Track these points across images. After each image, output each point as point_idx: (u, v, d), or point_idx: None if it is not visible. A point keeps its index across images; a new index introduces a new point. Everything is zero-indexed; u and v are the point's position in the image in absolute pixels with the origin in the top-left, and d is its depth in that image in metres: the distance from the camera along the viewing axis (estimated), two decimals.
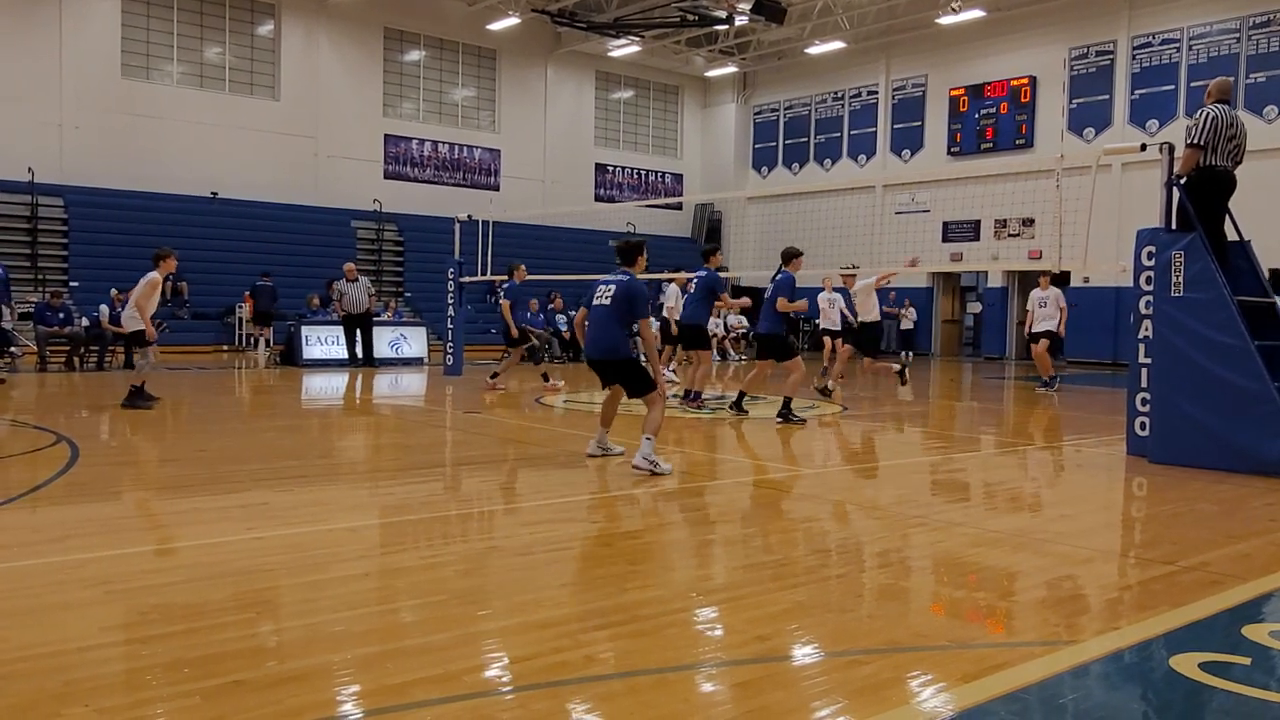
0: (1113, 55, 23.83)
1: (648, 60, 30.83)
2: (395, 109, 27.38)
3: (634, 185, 31.99)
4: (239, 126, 24.40)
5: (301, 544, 5.04)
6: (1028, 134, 25.11)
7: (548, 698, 3.06)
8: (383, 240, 26.30)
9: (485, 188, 28.18)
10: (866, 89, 28.99)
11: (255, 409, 12.50)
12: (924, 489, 7.44)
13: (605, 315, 7.43)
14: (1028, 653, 3.59)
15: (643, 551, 5.14)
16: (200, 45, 24.32)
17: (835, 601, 4.24)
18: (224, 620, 3.78)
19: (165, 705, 2.94)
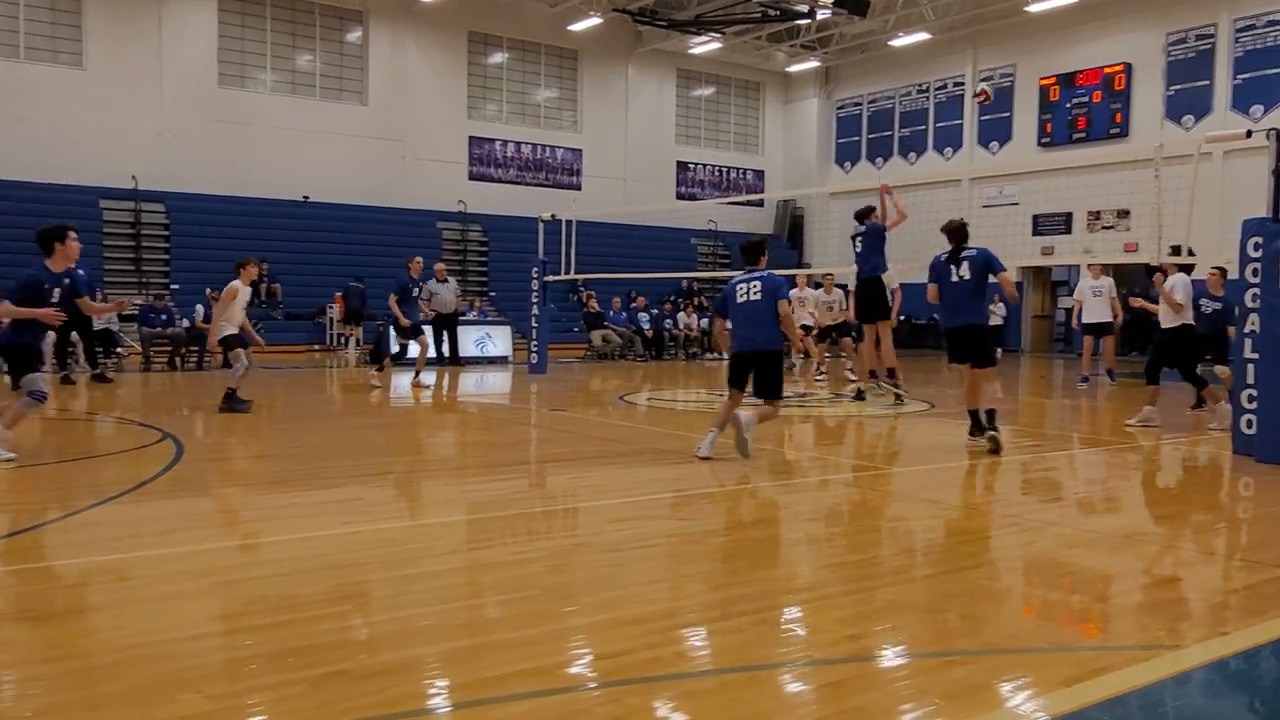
0: (1213, 39, 22.97)
1: (728, 57, 30.71)
2: (479, 111, 27.76)
3: (715, 182, 31.90)
4: (329, 131, 25.01)
5: (395, 539, 5.16)
6: (1122, 123, 24.35)
7: (640, 694, 3.09)
8: (467, 240, 26.69)
9: (567, 187, 28.40)
10: (952, 80, 28.44)
11: (347, 407, 12.80)
12: (1016, 488, 7.29)
13: (760, 311, 7.77)
14: (1130, 657, 3.49)
15: (732, 549, 5.14)
16: (292, 53, 24.98)
17: (927, 601, 4.19)
18: (323, 612, 3.90)
19: (271, 693, 3.04)
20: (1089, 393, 14.52)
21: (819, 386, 15.49)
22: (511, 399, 14.00)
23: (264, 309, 21.94)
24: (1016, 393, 15.28)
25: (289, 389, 14.18)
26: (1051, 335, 28.56)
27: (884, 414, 11.51)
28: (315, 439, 9.11)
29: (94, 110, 21.97)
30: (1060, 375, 19.42)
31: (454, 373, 17.69)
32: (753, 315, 7.78)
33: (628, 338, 22.83)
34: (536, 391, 14.44)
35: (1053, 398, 15.02)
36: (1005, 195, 26.03)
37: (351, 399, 13.72)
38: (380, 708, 2.93)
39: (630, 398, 13.40)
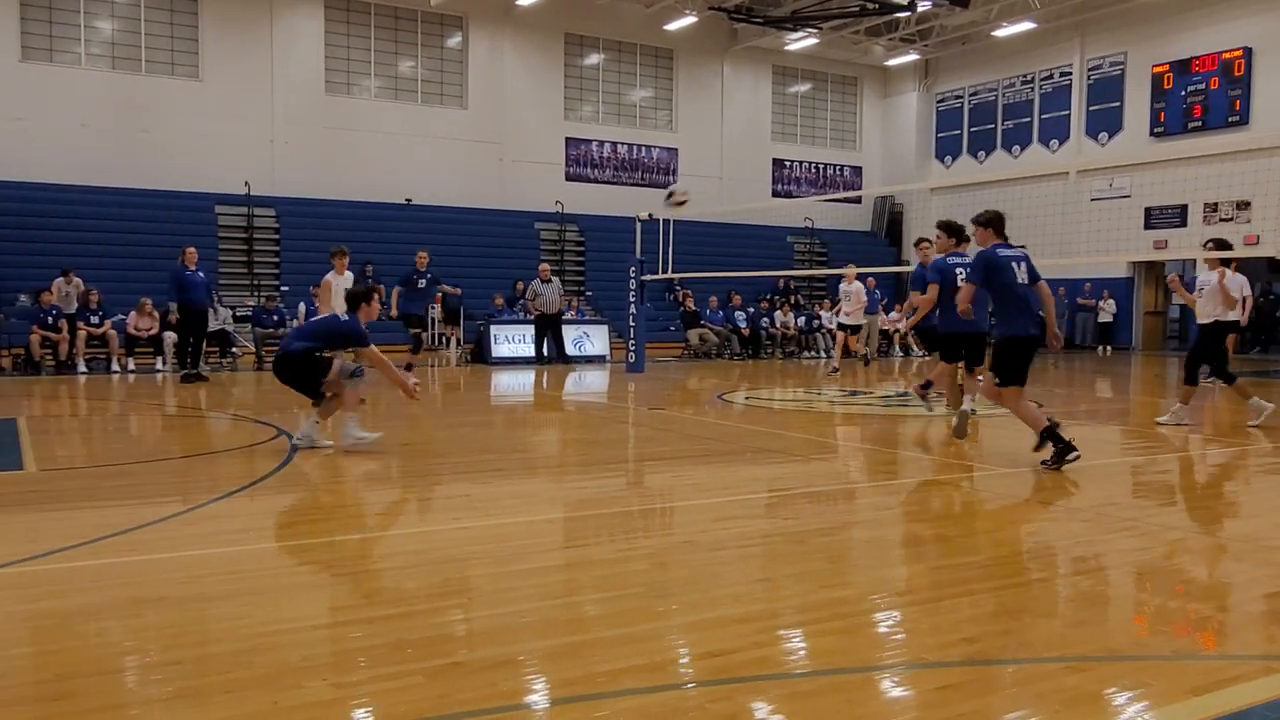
0: None
1: (825, 52, 30.38)
2: (575, 112, 28.02)
3: (812, 180, 31.60)
4: (430, 135, 25.55)
5: (503, 534, 5.26)
6: (1242, 110, 23.31)
7: (750, 692, 3.10)
8: (565, 241, 26.98)
9: (664, 186, 28.39)
10: (1059, 70, 27.63)
11: (450, 405, 13.07)
12: (1130, 490, 7.06)
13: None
14: (1264, 668, 3.37)
15: (837, 549, 5.11)
16: (395, 60, 25.60)
17: (1040, 606, 4.10)
18: (438, 605, 4.01)
19: (392, 682, 3.14)
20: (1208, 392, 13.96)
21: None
22: (610, 398, 14.11)
23: None
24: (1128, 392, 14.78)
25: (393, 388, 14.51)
26: (1165, 332, 27.54)
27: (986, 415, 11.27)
28: (421, 437, 9.33)
29: (209, 120, 22.87)
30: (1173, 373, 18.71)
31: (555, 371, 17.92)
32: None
33: (724, 336, 22.79)
34: (635, 390, 14.53)
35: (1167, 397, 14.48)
36: (1115, 188, 25.20)
37: (453, 397, 14.01)
38: (495, 700, 3.01)
39: (728, 397, 13.38)
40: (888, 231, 31.97)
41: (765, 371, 18.47)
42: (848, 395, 13.58)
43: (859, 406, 12.44)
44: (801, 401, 12.91)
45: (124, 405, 12.37)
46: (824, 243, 29.88)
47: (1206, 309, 10.11)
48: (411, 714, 2.91)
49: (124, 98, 22.21)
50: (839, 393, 13.78)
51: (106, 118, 21.97)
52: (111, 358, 16.92)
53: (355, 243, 23.20)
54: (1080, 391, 14.61)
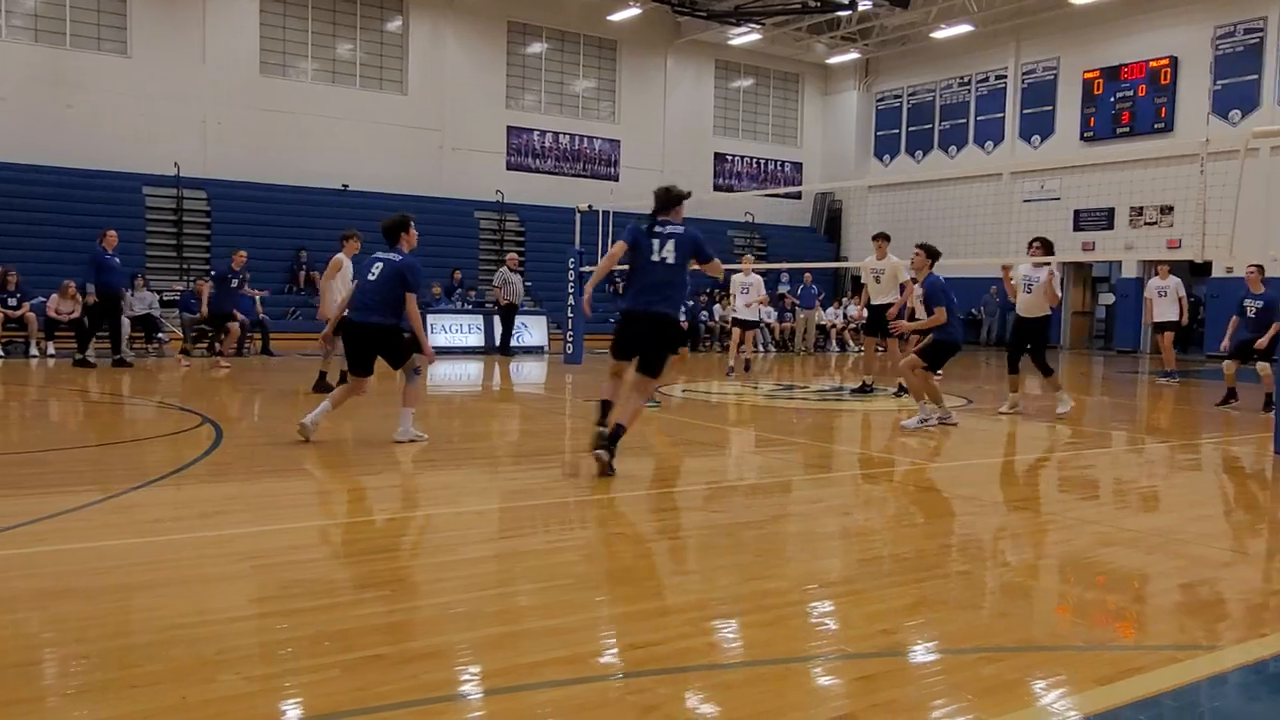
0: (1262, 33, 22.53)
1: (768, 48, 30.55)
2: (518, 101, 27.84)
3: (753, 174, 31.79)
4: (368, 121, 25.19)
5: (432, 525, 5.21)
6: (1167, 117, 23.97)
7: (672, 683, 3.10)
8: (505, 230, 26.80)
9: (605, 178, 28.43)
10: (994, 73, 28.13)
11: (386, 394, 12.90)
12: (1053, 485, 7.22)
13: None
14: (1168, 657, 3.46)
15: (764, 542, 5.14)
16: (333, 42, 25.18)
17: (961, 598, 4.17)
18: (360, 597, 3.95)
19: (309, 676, 3.08)
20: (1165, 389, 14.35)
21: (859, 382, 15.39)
22: (546, 389, 14.06)
23: (303, 296, 22.15)
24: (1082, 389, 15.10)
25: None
26: (1092, 331, 28.23)
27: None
28: (354, 425, 9.20)
29: (138, 98, 22.27)
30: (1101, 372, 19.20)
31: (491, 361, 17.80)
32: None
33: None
34: (572, 382, 14.49)
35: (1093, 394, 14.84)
36: (1047, 190, 25.74)
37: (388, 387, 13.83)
38: (415, 692, 2.97)
39: (664, 389, 13.40)
40: (827, 228, 32.30)
41: (703, 364, 18.54)
42: (784, 389, 13.69)
43: (796, 401, 12.55)
44: (738, 394, 12.98)
45: (42, 391, 12.02)
46: (764, 237, 30.09)
47: (1033, 304, 10.69)
48: (326, 708, 2.86)
49: (48, 72, 21.54)
50: (776, 386, 13.89)
51: (29, 92, 21.29)
52: (30, 341, 16.41)
53: (289, 228, 22.93)
54: None
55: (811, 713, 2.88)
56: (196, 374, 14.08)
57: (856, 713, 2.91)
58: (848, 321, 25.18)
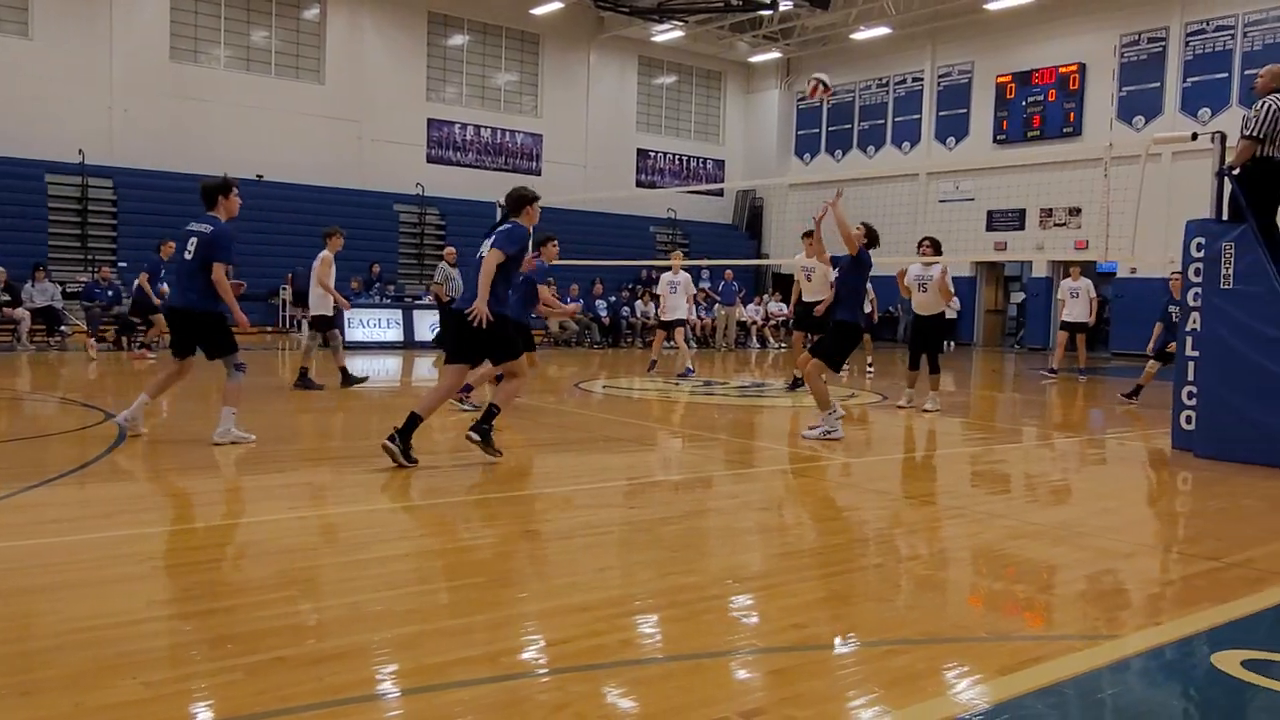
0: (1165, 42, 23.35)
1: (691, 46, 30.68)
2: (438, 93, 27.50)
3: (675, 171, 31.90)
4: (284, 110, 24.64)
5: (344, 524, 5.11)
6: (1076, 122, 24.70)
7: (584, 681, 3.09)
8: (425, 224, 26.46)
9: (527, 172, 28.26)
10: (912, 75, 28.67)
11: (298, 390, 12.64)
12: (964, 480, 7.38)
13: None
14: (1067, 646, 3.56)
15: (681, 537, 5.16)
16: (247, 29, 24.56)
17: (872, 591, 4.23)
18: (267, 597, 3.86)
19: (209, 680, 3.00)
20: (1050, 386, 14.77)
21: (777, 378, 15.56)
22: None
23: None
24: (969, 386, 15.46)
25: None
26: (1004, 329, 28.97)
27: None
28: (264, 422, 8.98)
29: (40, 82, 21.43)
30: (1012, 369, 19.70)
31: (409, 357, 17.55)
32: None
33: (585, 325, 22.79)
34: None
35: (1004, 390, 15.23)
36: (961, 191, 26.33)
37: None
38: (320, 694, 2.91)
39: (585, 385, 13.38)
40: (748, 225, 32.58)
41: (625, 360, 18.56)
42: (704, 386, 13.77)
43: (717, 397, 12.63)
44: (659, 391, 13.01)
45: None
46: (686, 234, 30.21)
47: (929, 303, 11.00)
48: (228, 712, 2.78)
49: None
50: (697, 383, 13.95)
51: None
52: None
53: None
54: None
55: (722, 707, 2.89)
56: (104, 368, 13.63)
57: (767, 706, 2.93)
58: (768, 318, 25.43)
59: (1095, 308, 16.22)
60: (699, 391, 13.05)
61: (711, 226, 31.60)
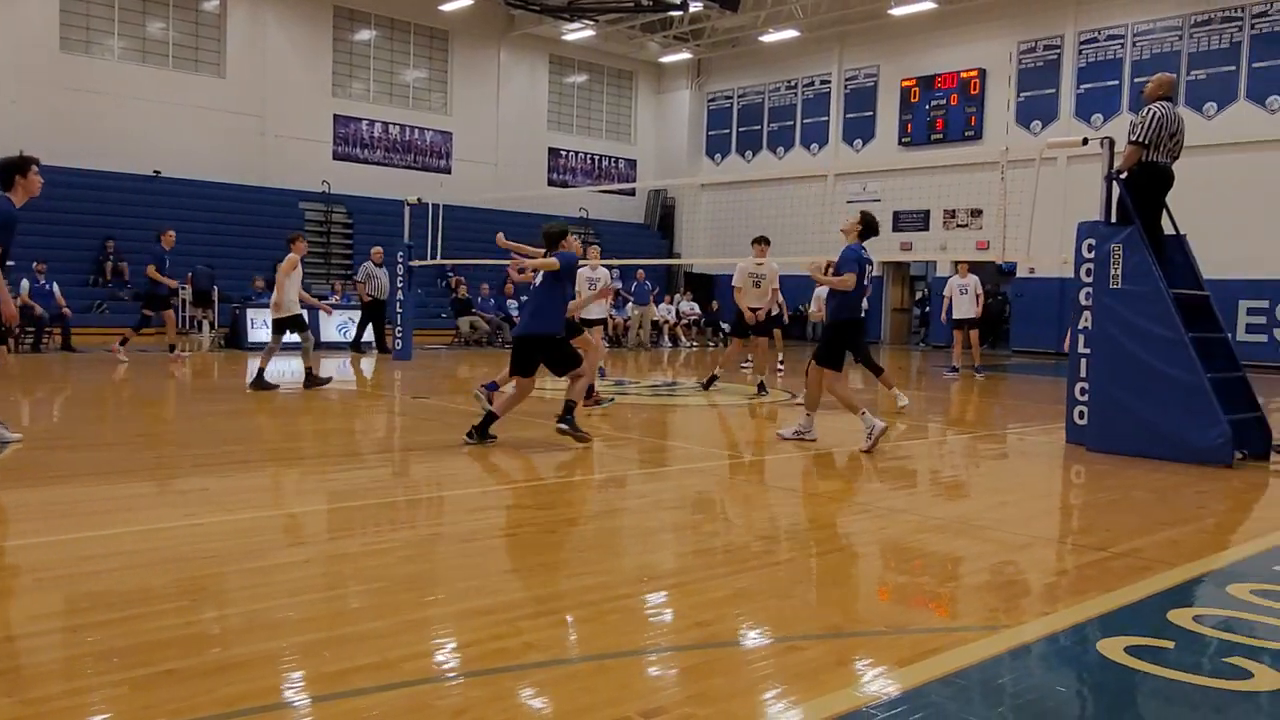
0: (1060, 50, 24.16)
1: (602, 45, 30.68)
2: (345, 89, 26.99)
3: (587, 170, 31.86)
4: (183, 104, 23.90)
5: (242, 530, 4.97)
6: (977, 126, 25.40)
7: (486, 685, 3.06)
8: (331, 222, 25.94)
9: (436, 170, 27.93)
10: (819, 78, 29.12)
11: (199, 393, 12.29)
12: (869, 476, 7.52)
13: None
14: (964, 637, 3.65)
15: (588, 538, 5.15)
16: (142, 20, 23.75)
17: (778, 587, 4.28)
18: (159, 608, 3.73)
19: (92, 695, 2.88)
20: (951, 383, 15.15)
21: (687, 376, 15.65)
22: (373, 386, 13.69)
23: (110, 289, 20.89)
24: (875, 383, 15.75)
25: (137, 373, 13.52)
26: (910, 328, 29.65)
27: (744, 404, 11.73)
28: (161, 427, 8.71)
29: None
30: (916, 366, 20.16)
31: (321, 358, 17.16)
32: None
33: (496, 325, 22.62)
34: (399, 379, 14.17)
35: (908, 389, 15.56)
36: (869, 192, 26.82)
37: (202, 384, 13.19)
38: (213, 707, 2.82)
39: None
40: (660, 225, 32.71)
41: None
42: (616, 385, 13.78)
43: (630, 396, 12.64)
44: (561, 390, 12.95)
45: None
46: (598, 234, 30.17)
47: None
48: None
49: None
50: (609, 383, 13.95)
51: None
52: None
53: (97, 216, 21.53)
54: None
55: (625, 707, 2.88)
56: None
57: (668, 705, 2.93)
58: (679, 318, 25.57)
59: (982, 304, 16.86)
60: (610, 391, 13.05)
61: (623, 226, 31.65)
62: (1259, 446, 8.05)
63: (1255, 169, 20.85)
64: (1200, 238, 9.56)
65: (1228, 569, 4.81)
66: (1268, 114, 21.09)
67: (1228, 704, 3.09)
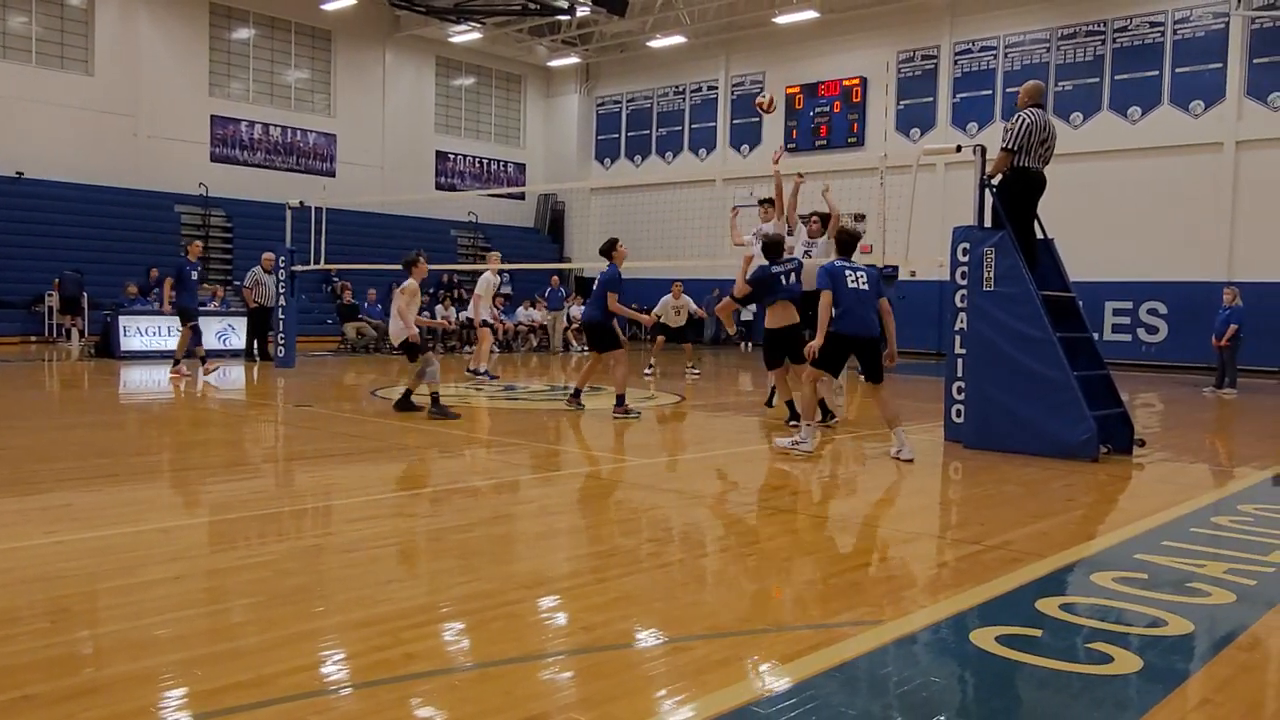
0: (936, 59, 24.99)
1: (490, 48, 30.46)
2: (223, 89, 26.16)
3: (476, 174, 31.57)
4: (47, 102, 22.82)
5: (108, 547, 4.76)
6: (859, 132, 26.06)
7: (366, 698, 2.99)
8: (209, 226, 25.11)
9: (320, 173, 27.27)
10: (707, 84, 29.48)
11: (66, 404, 11.74)
12: (756, 478, 7.62)
13: (870, 298, 8.05)
14: (846, 632, 3.73)
15: (473, 545, 5.09)
16: (3, 13, 22.60)
17: (662, 590, 4.30)
18: (15, 631, 3.54)
19: None
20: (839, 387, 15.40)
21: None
22: (253, 395, 13.28)
23: None
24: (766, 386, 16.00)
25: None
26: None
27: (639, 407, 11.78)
28: (24, 440, 8.28)
29: None
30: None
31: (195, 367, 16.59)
32: (865, 301, 8.02)
33: (383, 331, 22.20)
34: (282, 386, 13.78)
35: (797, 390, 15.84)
36: (755, 196, 27.18)
37: (70, 395, 12.61)
38: None
39: (384, 393, 13.02)
40: (550, 229, 32.63)
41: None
42: (504, 390, 13.68)
43: (520, 402, 12.56)
44: (459, 397, 12.82)
45: None
46: (488, 237, 29.96)
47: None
48: None
49: None
50: (498, 388, 13.84)
51: None
52: None
53: None
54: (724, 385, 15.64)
55: (506, 715, 2.85)
56: None
57: (551, 711, 2.92)
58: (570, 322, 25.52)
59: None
60: (498, 396, 12.95)
61: (514, 230, 31.48)
62: (1123, 441, 8.45)
63: (1119, 176, 21.94)
64: (1068, 241, 10.01)
65: (1093, 558, 5.03)
66: (1129, 124, 22.20)
67: (1089, 687, 3.23)
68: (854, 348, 8.14)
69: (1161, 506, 6.35)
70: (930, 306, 23.84)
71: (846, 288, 7.96)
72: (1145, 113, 22.05)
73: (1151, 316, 21.74)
